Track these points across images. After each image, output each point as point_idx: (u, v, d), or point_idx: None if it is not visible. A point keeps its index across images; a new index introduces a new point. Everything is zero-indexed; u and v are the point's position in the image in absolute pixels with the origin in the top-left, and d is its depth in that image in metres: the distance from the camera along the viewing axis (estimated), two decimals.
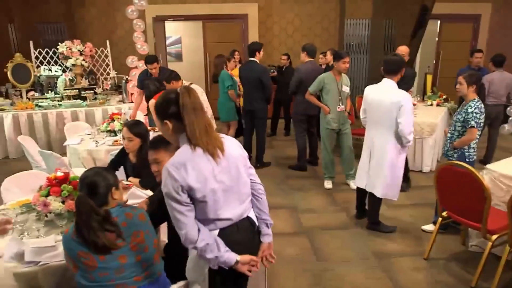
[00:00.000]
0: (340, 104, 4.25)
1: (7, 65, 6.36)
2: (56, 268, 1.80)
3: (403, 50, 4.23)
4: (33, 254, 1.80)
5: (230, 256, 1.54)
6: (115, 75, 6.83)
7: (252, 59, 4.86)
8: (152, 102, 3.79)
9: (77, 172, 3.77)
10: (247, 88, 4.97)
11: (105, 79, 6.98)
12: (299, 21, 8.37)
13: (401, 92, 3.06)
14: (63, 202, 2.15)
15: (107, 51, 6.98)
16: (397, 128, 3.05)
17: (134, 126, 2.74)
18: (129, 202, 2.42)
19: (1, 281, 1.76)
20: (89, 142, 4.09)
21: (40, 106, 6.07)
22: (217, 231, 1.57)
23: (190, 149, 1.50)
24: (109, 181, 1.67)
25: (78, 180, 2.26)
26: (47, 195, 2.16)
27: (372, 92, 3.30)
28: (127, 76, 6.52)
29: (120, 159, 2.90)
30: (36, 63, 6.69)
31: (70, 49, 6.43)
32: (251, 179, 1.72)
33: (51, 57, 6.83)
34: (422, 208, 3.88)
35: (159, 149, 1.98)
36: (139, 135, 2.74)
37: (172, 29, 9.54)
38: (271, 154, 5.68)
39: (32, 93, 6.44)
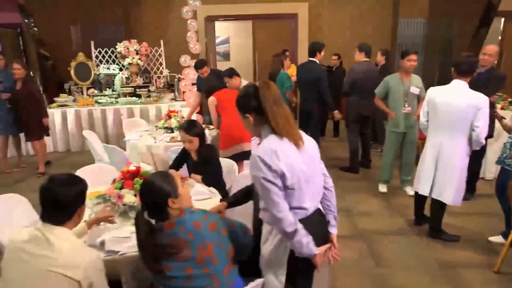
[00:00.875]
0: (406, 105, 4.00)
1: (70, 64, 6.76)
2: (132, 258, 1.87)
3: (491, 49, 3.66)
4: (112, 244, 1.89)
5: (314, 246, 1.59)
6: (168, 74, 7.04)
7: (312, 59, 4.79)
8: (212, 99, 3.83)
9: (143, 166, 3.95)
10: (305, 88, 4.89)
11: (158, 77, 7.22)
12: (349, 21, 8.19)
13: (479, 95, 2.88)
14: (136, 195, 2.23)
15: (161, 51, 7.21)
16: (471, 132, 2.89)
17: (190, 128, 2.80)
18: (195, 198, 2.48)
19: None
20: (148, 138, 4.25)
21: (99, 103, 6.39)
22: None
23: (276, 138, 1.55)
24: (164, 192, 1.60)
25: (149, 174, 2.36)
26: (121, 187, 2.26)
27: (440, 95, 3.12)
28: (179, 75, 6.69)
29: (183, 157, 2.97)
30: (96, 62, 7.05)
31: (127, 48, 6.71)
32: (322, 173, 1.79)
33: (110, 56, 7.17)
34: (488, 218, 3.65)
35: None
36: (196, 135, 2.80)
37: (221, 29, 9.69)
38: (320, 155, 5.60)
39: (92, 90, 6.79)
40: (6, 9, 8.11)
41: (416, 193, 3.43)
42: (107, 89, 6.82)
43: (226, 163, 3.10)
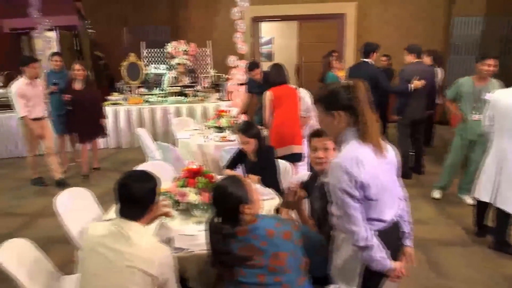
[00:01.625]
0: (474, 112, 3.68)
1: (121, 64, 7.02)
2: (199, 256, 1.89)
3: None
4: (181, 241, 1.92)
5: (388, 260, 1.51)
6: (214, 74, 7.13)
7: (365, 59, 4.67)
8: (268, 93, 3.75)
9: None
10: None
11: (205, 77, 7.33)
12: (398, 20, 7.93)
13: None
14: (198, 194, 2.25)
15: (208, 51, 7.32)
16: None
17: (247, 129, 2.79)
18: None
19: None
20: (198, 137, 4.31)
21: (148, 102, 6.59)
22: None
23: (360, 144, 1.47)
24: (237, 198, 1.58)
25: (211, 173, 2.38)
26: (184, 186, 2.29)
27: (505, 97, 2.94)
28: (225, 75, 6.77)
29: (239, 157, 2.97)
30: (145, 62, 7.28)
31: (176, 49, 6.86)
32: None
33: (159, 56, 7.39)
34: None
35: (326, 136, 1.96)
36: (254, 136, 2.79)
37: (265, 30, 9.70)
38: None
39: (141, 89, 7.01)
40: (64, 12, 8.57)
41: (478, 201, 3.24)
42: (156, 88, 7.01)
43: (281, 164, 3.08)
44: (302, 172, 3.57)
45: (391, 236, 1.57)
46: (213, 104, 6.48)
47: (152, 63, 7.31)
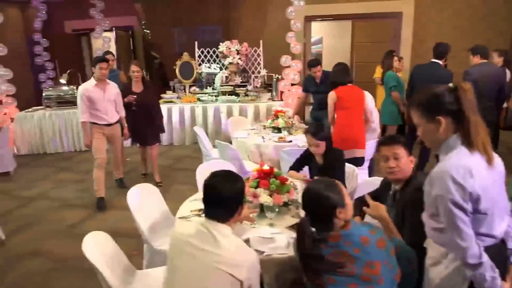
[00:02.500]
0: None
1: (176, 63, 7.18)
2: (277, 260, 1.84)
3: None
4: (258, 244, 1.88)
5: (499, 280, 1.36)
6: (265, 74, 7.11)
7: (435, 60, 4.44)
8: (332, 94, 3.64)
9: (248, 165, 4.00)
10: None
11: (256, 77, 7.33)
12: (459, 19, 7.49)
13: None
14: (271, 195, 2.22)
15: (260, 51, 7.32)
16: None
17: (317, 132, 2.70)
18: None
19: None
20: (256, 137, 4.29)
21: (201, 100, 6.69)
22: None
23: (468, 153, 1.35)
24: (331, 202, 1.53)
25: (283, 175, 2.34)
26: (256, 186, 2.26)
27: None
28: (278, 75, 6.72)
29: (305, 159, 2.90)
30: (198, 61, 7.40)
31: (229, 48, 6.91)
32: None
33: (211, 56, 7.48)
34: None
35: (399, 143, 1.86)
36: (324, 139, 2.70)
37: (314, 30, 9.55)
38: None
39: (193, 88, 7.13)
40: (120, 13, 8.93)
41: None
42: (208, 87, 7.10)
43: (348, 168, 2.97)
44: (363, 177, 3.44)
45: (500, 254, 1.43)
46: (265, 104, 6.46)
47: (204, 63, 7.41)
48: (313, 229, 1.57)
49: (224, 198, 1.58)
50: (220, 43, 7.11)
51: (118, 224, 3.73)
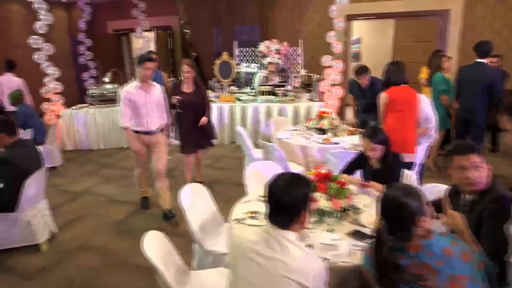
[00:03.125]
0: None
1: (215, 62, 7.22)
2: (340, 268, 1.77)
3: None
4: (320, 250, 1.81)
5: None
6: (305, 74, 7.01)
7: (480, 60, 4.23)
8: (383, 96, 3.50)
9: (291, 166, 3.94)
10: (467, 93, 4.36)
11: (295, 77, 7.24)
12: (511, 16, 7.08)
13: None
14: (329, 200, 2.14)
15: (300, 50, 7.23)
16: None
17: (375, 135, 2.59)
18: None
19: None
20: (299, 138, 4.22)
21: (239, 100, 6.68)
22: None
23: None
24: (412, 210, 1.44)
25: (341, 179, 2.25)
26: (314, 191, 2.19)
27: None
28: (318, 75, 6.60)
29: (359, 162, 2.80)
30: (237, 60, 7.40)
31: (269, 48, 6.86)
32: None
33: (250, 55, 7.47)
34: None
35: (475, 152, 1.74)
36: (381, 142, 2.59)
37: (352, 29, 9.35)
38: None
39: (232, 87, 7.14)
40: (160, 13, 9.09)
41: None
42: (246, 86, 7.09)
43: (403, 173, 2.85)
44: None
45: None
46: (305, 105, 6.36)
47: (243, 62, 7.41)
48: (391, 237, 1.48)
49: (289, 204, 1.50)
50: (260, 43, 7.07)
51: (164, 223, 3.77)
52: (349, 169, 2.83)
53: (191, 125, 4.26)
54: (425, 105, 3.70)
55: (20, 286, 2.87)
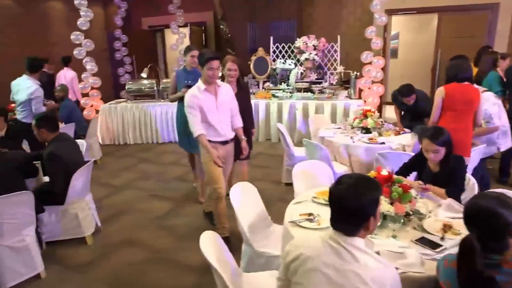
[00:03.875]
0: None
1: (251, 58, 7.15)
2: (412, 279, 1.65)
3: None
4: (389, 258, 1.70)
5: None
6: (342, 70, 6.82)
7: None
8: (440, 90, 3.22)
9: (337, 167, 3.81)
10: None
11: (332, 74, 7.07)
12: None
13: None
14: (392, 203, 2.02)
15: (337, 46, 7.04)
16: None
17: (437, 136, 2.40)
18: (447, 215, 2.15)
19: None
20: (342, 136, 4.08)
21: (275, 96, 6.59)
22: None
23: None
24: (505, 221, 1.32)
25: (403, 182, 2.12)
26: None
27: None
28: (356, 72, 6.41)
29: (416, 164, 2.65)
30: (272, 57, 7.30)
31: (306, 43, 6.72)
32: None
33: (286, 51, 7.35)
34: None
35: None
36: (444, 144, 2.42)
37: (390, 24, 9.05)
38: None
39: (267, 84, 7.05)
40: (195, 9, 9.10)
41: None
42: (282, 83, 6.99)
43: None
44: None
45: None
46: (342, 102, 6.19)
47: (279, 58, 7.30)
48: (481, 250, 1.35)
49: (356, 210, 1.38)
50: (298, 38, 6.94)
51: (202, 219, 3.74)
52: (405, 171, 2.68)
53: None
54: (490, 104, 3.48)
55: (71, 278, 2.90)
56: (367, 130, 4.12)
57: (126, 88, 6.80)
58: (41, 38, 8.33)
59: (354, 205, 1.37)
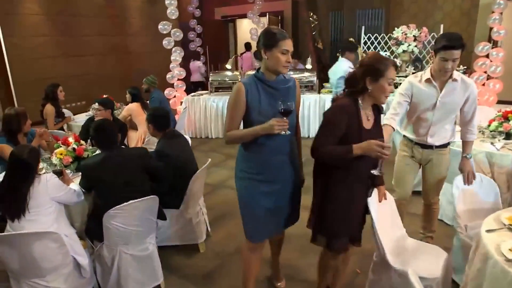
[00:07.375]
0: None
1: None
2: None
3: None
4: None
5: None
6: None
7: None
8: None
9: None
10: None
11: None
12: None
13: None
14: None
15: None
16: None
17: None
18: None
19: None
20: (478, 141, 3.49)
21: None
22: None
23: None
24: None
25: None
26: None
27: None
28: (464, 66, 5.69)
29: None
30: (363, 48, 6.74)
31: (405, 34, 6.09)
32: None
33: (379, 43, 6.75)
34: None
35: None
36: None
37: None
38: None
39: None
40: None
41: None
42: None
43: None
44: None
45: None
46: None
47: (370, 50, 6.72)
48: None
49: None
50: (395, 28, 6.31)
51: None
52: None
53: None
54: None
55: None
56: (507, 136, 3.50)
57: (210, 80, 6.58)
58: (120, 29, 8.40)
59: None
